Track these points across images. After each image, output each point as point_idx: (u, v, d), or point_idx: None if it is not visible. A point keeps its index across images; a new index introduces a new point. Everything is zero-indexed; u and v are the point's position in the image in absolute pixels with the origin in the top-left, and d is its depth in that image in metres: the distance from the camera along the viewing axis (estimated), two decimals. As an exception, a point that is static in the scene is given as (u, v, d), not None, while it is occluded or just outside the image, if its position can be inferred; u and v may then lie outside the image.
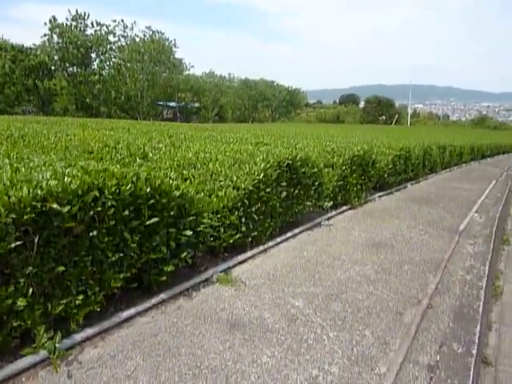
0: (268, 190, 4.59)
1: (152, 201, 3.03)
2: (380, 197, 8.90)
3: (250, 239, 4.57)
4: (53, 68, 47.34)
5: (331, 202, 6.20)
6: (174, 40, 53.24)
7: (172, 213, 3.23)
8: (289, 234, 5.48)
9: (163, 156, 5.37)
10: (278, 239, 5.23)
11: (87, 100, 46.97)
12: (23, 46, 43.64)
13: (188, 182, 4.44)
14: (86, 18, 46.27)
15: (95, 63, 49.92)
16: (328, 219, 6.60)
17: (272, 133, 13.06)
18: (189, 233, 3.36)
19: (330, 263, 4.70)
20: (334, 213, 6.94)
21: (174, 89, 57.98)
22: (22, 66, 42.20)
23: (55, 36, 45.59)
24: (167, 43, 52.32)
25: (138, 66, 50.44)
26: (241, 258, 4.48)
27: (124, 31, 50.03)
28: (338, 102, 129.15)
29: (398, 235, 6.06)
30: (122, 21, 48.88)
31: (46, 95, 46.66)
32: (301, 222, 6.05)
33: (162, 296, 3.46)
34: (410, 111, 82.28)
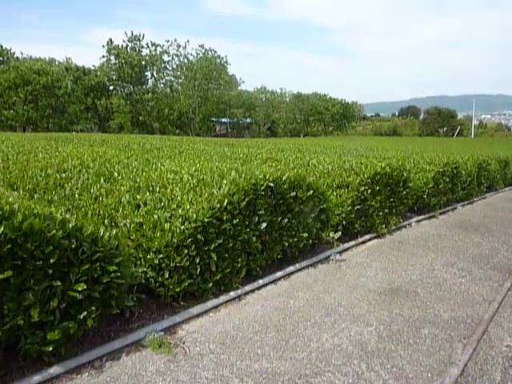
0: (236, 220, 3.54)
1: (7, 246, 2.12)
2: (418, 222, 7.43)
3: (211, 285, 3.52)
4: (110, 87, 49.68)
5: (339, 233, 4.97)
6: (226, 57, 53.96)
7: (52, 260, 2.29)
8: (279, 274, 4.35)
9: (130, 176, 4.52)
10: (261, 281, 4.13)
11: (140, 117, 48.52)
12: (84, 67, 46.19)
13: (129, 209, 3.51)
14: (141, 39, 48.19)
15: (150, 81, 51.75)
16: (341, 252, 5.36)
17: (305, 147, 11.94)
18: (81, 287, 2.40)
19: (318, 320, 3.51)
20: (352, 243, 5.68)
21: (226, 105, 58.55)
22: (83, 86, 44.54)
23: (112, 57, 47.88)
24: (219, 60, 53.01)
25: (190, 84, 51.49)
26: (197, 310, 3.44)
27: (177, 50, 51.46)
28: (397, 114, 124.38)
29: (428, 277, 4.69)
30: (175, 40, 50.33)
31: (104, 113, 48.96)
32: (302, 256, 4.90)
33: (52, 370, 2.51)
34: (475, 122, 76.66)
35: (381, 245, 5.88)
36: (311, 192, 4.32)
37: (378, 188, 5.77)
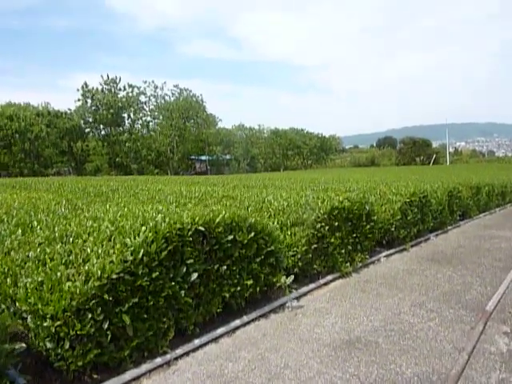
0: (155, 273, 3.01)
1: None
2: (388, 256, 6.98)
3: (128, 352, 2.94)
4: (86, 130, 49.38)
5: (291, 277, 4.46)
6: (201, 95, 54.64)
7: None
8: (221, 331, 3.78)
9: (49, 225, 3.97)
10: (198, 341, 3.55)
11: (117, 159, 48.05)
12: (58, 110, 45.93)
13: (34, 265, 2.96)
14: (118, 81, 48.53)
15: (127, 122, 51.72)
16: (299, 298, 4.83)
17: (272, 182, 11.57)
18: None
19: (256, 389, 2.94)
20: (312, 286, 5.16)
21: (204, 143, 58.73)
22: (57, 130, 44.09)
23: (89, 100, 47.89)
24: (195, 99, 53.62)
25: (167, 123, 51.66)
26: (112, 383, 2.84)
27: (154, 91, 51.93)
28: (375, 145, 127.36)
29: (393, 322, 4.18)
30: (152, 81, 50.92)
31: (80, 156, 48.32)
32: (253, 306, 4.35)
33: None
34: (450, 149, 78.66)
35: (344, 286, 5.37)
36: (253, 234, 3.83)
37: (336, 224, 5.33)
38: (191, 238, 3.28)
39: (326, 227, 5.16)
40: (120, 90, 48.73)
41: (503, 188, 15.08)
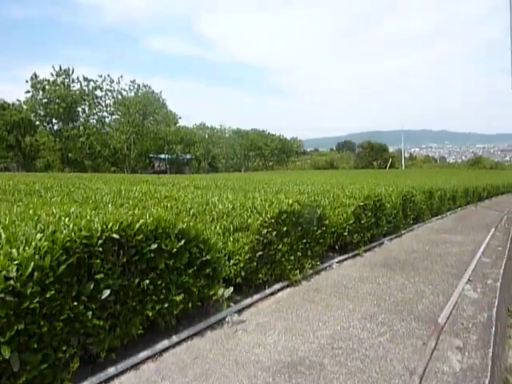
0: (51, 292, 2.43)
1: None
2: (340, 262, 6.67)
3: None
4: (37, 123, 46.66)
5: (230, 289, 3.98)
6: (160, 92, 53.21)
7: None
8: (143, 355, 3.23)
9: None
10: (113, 370, 2.98)
11: (70, 155, 45.77)
12: (5, 101, 43.08)
13: None
14: (70, 73, 46.21)
15: (82, 117, 49.41)
16: (241, 311, 4.36)
17: (224, 183, 11.06)
18: None
19: (174, 433, 2.43)
20: (256, 297, 4.70)
21: (163, 141, 57.20)
22: (4, 122, 41.32)
23: (40, 92, 45.29)
24: (153, 96, 52.11)
25: (123, 119, 49.84)
26: None
27: (111, 85, 49.92)
28: (335, 148, 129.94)
29: (341, 339, 3.79)
30: (108, 75, 48.91)
31: (28, 151, 45.55)
32: (187, 322, 3.83)
33: None
34: (405, 155, 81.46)
35: (293, 295, 4.96)
36: (183, 242, 3.31)
37: (285, 229, 4.91)
38: (101, 248, 2.72)
39: (274, 232, 4.72)
40: (73, 81, 46.43)
41: (454, 193, 15.42)
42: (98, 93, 49.15)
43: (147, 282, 3.10)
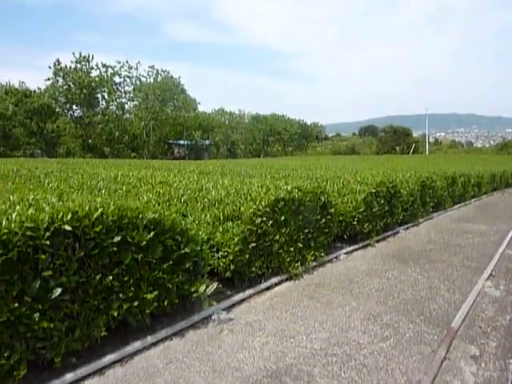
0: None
1: None
2: (349, 253, 6.19)
3: None
4: (58, 110, 47.13)
5: (214, 285, 3.58)
6: (179, 77, 52.84)
7: None
8: (109, 359, 2.88)
9: None
10: (70, 376, 2.64)
11: (89, 141, 46.18)
12: (27, 89, 43.62)
13: None
14: (90, 60, 46.30)
15: (101, 104, 49.65)
16: (230, 308, 3.97)
17: (232, 168, 10.65)
18: None
19: None
20: (249, 292, 4.29)
21: (182, 127, 57.07)
22: (25, 109, 41.88)
23: (60, 79, 45.65)
24: (172, 81, 51.81)
25: (142, 105, 49.84)
26: None
27: (129, 72, 49.81)
28: (357, 133, 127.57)
29: (337, 343, 3.36)
30: (127, 61, 48.74)
31: (51, 137, 46.16)
32: (167, 320, 3.47)
33: None
34: (430, 140, 79.04)
35: (290, 291, 4.54)
36: (153, 234, 2.92)
37: (283, 218, 4.46)
38: (49, 242, 2.35)
39: (269, 222, 4.28)
40: (92, 68, 46.48)
41: (479, 179, 14.56)
42: (117, 79, 49.17)
43: (111, 278, 2.73)
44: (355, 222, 6.12)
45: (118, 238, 2.70)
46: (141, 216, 2.88)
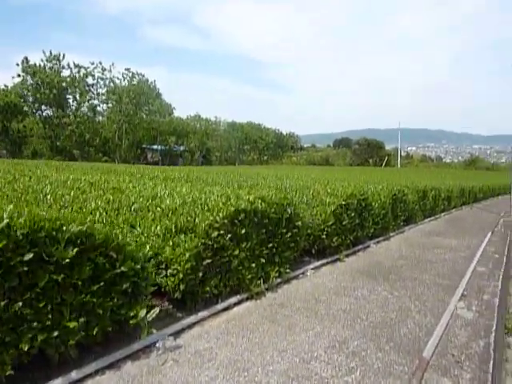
0: None
1: None
2: (317, 269, 5.82)
3: None
4: (25, 109, 45.34)
5: (156, 310, 3.11)
6: (154, 81, 51.99)
7: None
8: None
9: None
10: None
11: (58, 143, 44.57)
12: (-8, 86, 41.79)
13: None
14: (61, 59, 44.90)
15: (72, 105, 48.15)
16: (179, 333, 3.49)
17: (197, 175, 10.19)
18: None
19: None
20: (203, 314, 3.83)
21: (156, 131, 56.01)
22: (-12, 107, 40.09)
23: (29, 77, 44.00)
24: (147, 85, 50.89)
25: (115, 108, 48.64)
26: None
27: (102, 73, 48.61)
28: (331, 145, 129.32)
29: (297, 377, 2.94)
30: (100, 63, 47.53)
31: (16, 137, 44.28)
32: (103, 349, 2.97)
33: None
34: (402, 153, 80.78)
35: (251, 312, 4.10)
36: (78, 250, 2.43)
37: (243, 231, 4.03)
38: None
39: (228, 235, 3.85)
40: (64, 68, 45.07)
41: (449, 193, 14.62)
42: (90, 80, 47.86)
43: (20, 304, 2.23)
44: (324, 236, 5.77)
45: (29, 256, 2.21)
46: (64, 228, 2.39)
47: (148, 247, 3.56)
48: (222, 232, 3.75)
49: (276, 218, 4.53)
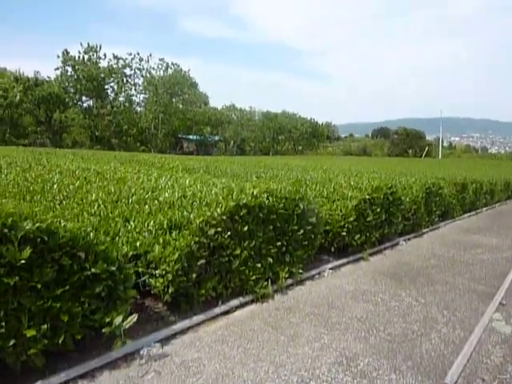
0: None
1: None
2: (336, 268, 5.36)
3: None
4: (67, 100, 46.80)
5: (133, 317, 2.78)
6: (188, 70, 52.19)
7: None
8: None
9: None
10: None
11: (97, 133, 45.78)
12: (37, 77, 43.33)
13: None
14: (98, 50, 45.81)
15: (110, 95, 49.24)
16: (168, 339, 3.18)
17: (220, 165, 9.87)
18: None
19: None
20: (197, 319, 3.49)
21: (192, 121, 56.40)
22: (33, 97, 41.61)
23: (69, 68, 45.30)
24: (182, 74, 51.18)
25: (151, 98, 49.29)
26: None
27: (140, 64, 49.27)
28: (370, 135, 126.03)
29: (291, 401, 2.55)
30: (138, 53, 48.14)
31: (58, 127, 45.86)
32: (80, 356, 2.70)
33: None
34: (444, 144, 77.30)
35: (253, 317, 3.73)
36: (36, 249, 2.13)
37: (246, 228, 3.64)
38: None
39: (227, 233, 3.47)
40: (100, 58, 45.98)
41: (492, 186, 13.54)
42: (127, 71, 48.66)
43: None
44: (344, 233, 5.28)
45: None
46: (19, 225, 2.10)
47: (138, 244, 3.26)
48: (219, 229, 3.39)
49: (286, 213, 4.10)
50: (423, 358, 3.19)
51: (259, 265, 3.92)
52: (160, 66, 49.91)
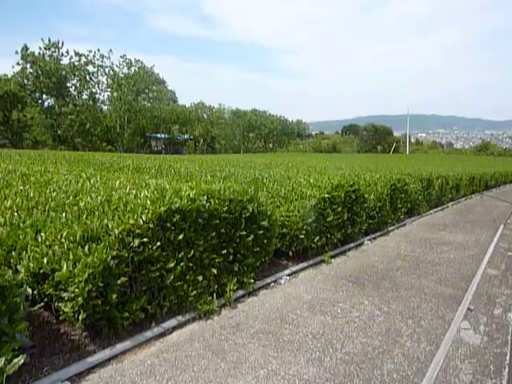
0: None
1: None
2: (293, 274, 4.91)
3: None
4: (26, 99, 44.62)
5: (20, 359, 2.21)
6: (152, 66, 50.86)
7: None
8: None
9: None
10: None
11: (59, 132, 43.90)
12: (-10, 75, 41.11)
13: None
14: (60, 47, 43.98)
15: (72, 93, 47.37)
16: (82, 374, 2.62)
17: (182, 164, 9.29)
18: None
19: None
20: (123, 346, 2.95)
21: (159, 119, 55.03)
22: (-13, 96, 39.43)
23: (28, 65, 43.23)
24: (146, 71, 49.80)
25: (115, 96, 47.75)
26: None
27: (102, 61, 47.61)
28: (340, 132, 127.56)
29: None
30: (98, 50, 46.47)
31: (16, 127, 43.65)
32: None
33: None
34: (412, 140, 78.98)
35: (194, 339, 3.20)
36: None
37: (181, 237, 3.11)
38: None
39: (156, 244, 2.94)
40: (63, 55, 44.16)
41: (458, 181, 13.53)
42: (90, 68, 46.94)
43: None
44: (302, 236, 4.83)
45: None
46: None
47: (45, 260, 2.68)
48: (146, 239, 2.84)
49: (231, 217, 3.60)
50: (384, 381, 2.77)
51: (201, 277, 3.40)
52: (123, 63, 48.37)
